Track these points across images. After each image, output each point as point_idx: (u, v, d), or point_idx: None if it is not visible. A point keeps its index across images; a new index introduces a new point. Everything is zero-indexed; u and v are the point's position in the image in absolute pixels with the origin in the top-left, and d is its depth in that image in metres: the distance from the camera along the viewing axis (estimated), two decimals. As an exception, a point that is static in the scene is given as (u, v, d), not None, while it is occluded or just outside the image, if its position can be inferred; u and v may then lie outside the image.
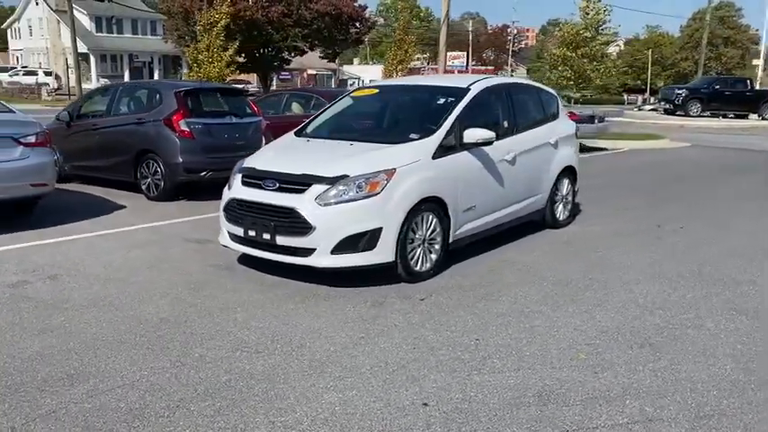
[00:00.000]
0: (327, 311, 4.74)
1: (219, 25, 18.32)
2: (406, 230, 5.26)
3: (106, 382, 3.57)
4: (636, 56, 78.83)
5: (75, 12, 31.89)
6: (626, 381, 3.70)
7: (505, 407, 3.38)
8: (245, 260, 5.83)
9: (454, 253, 6.00)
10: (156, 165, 8.79)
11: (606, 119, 18.43)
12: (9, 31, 59.20)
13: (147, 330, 4.32)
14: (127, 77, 50.24)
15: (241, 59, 44.78)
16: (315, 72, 63.86)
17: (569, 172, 7.67)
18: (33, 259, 5.93)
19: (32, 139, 7.01)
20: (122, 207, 8.48)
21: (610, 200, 9.55)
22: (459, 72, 66.43)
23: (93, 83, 45.47)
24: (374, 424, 3.20)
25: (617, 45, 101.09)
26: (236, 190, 5.54)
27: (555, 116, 7.58)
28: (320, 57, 48.56)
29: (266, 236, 5.22)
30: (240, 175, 5.63)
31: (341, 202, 5.06)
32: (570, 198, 7.79)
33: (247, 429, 3.13)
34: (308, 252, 5.09)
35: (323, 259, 5.07)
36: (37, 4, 54.21)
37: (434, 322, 4.57)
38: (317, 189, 5.10)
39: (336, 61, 70.07)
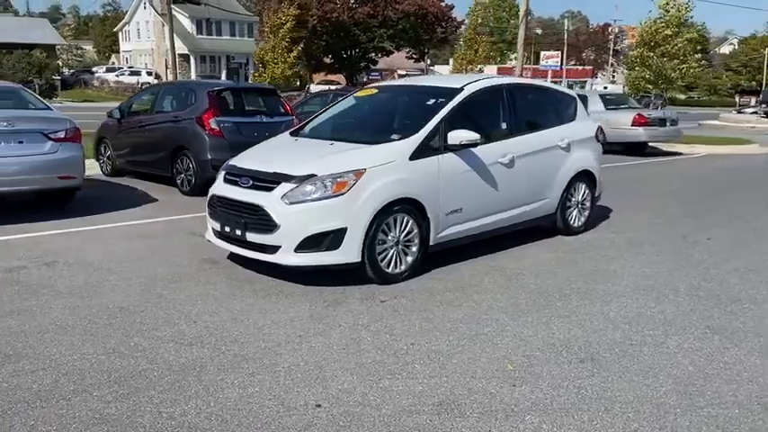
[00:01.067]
0: (282, 308, 4.80)
1: (285, 27, 18.83)
2: (374, 231, 5.23)
3: (33, 364, 3.79)
4: (751, 55, 74.04)
5: (178, 15, 33.52)
6: (540, 396, 3.53)
7: (397, 414, 3.32)
8: (234, 256, 5.98)
9: (441, 256, 5.92)
10: (188, 161, 9.18)
11: (679, 122, 17.42)
12: (120, 33, 63.25)
13: (102, 318, 4.54)
14: (224, 77, 52.43)
15: (328, 60, 45.85)
16: (405, 72, 64.15)
17: (586, 176, 7.34)
18: (44, 246, 6.35)
19: (61, 135, 7.49)
20: (154, 201, 8.91)
21: (648, 207, 9.07)
22: (551, 73, 64.83)
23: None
24: (255, 421, 3.22)
25: (730, 44, 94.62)
26: (217, 186, 5.70)
27: (571, 118, 7.29)
28: (406, 57, 48.86)
29: (238, 232, 5.35)
30: (223, 173, 5.79)
31: (306, 201, 5.11)
32: (588, 204, 7.46)
33: (133, 416, 3.23)
34: (274, 249, 5.17)
35: (287, 257, 5.13)
36: (145, 7, 57.62)
37: (380, 324, 4.53)
38: (284, 188, 5.17)
39: (427, 61, 70.14)
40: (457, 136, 5.69)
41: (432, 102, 6.08)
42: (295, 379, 3.68)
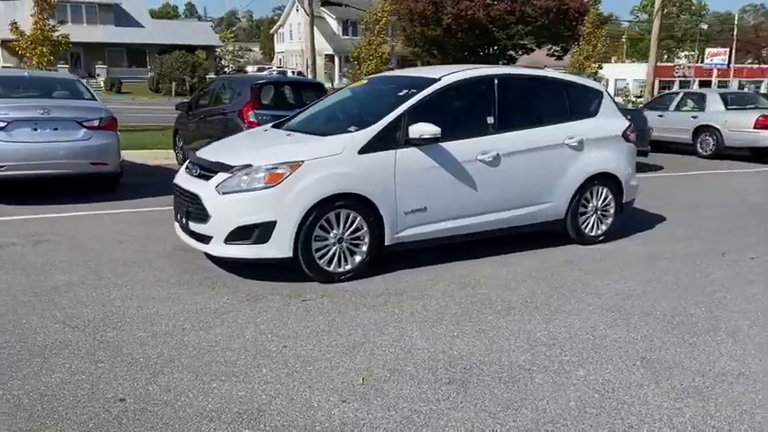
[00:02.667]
0: (197, 299, 4.72)
1: (382, 23, 18.78)
2: (309, 227, 4.99)
3: None
4: None
5: (326, 16, 34.75)
6: (362, 415, 3.15)
7: (192, 417, 3.11)
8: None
9: (411, 257, 5.60)
10: (230, 152, 9.40)
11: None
12: (276, 35, 66.93)
13: (33, 296, 4.69)
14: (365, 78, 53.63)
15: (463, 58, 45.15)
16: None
17: (608, 179, 6.55)
18: (47, 227, 6.74)
19: (95, 123, 7.97)
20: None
21: (714, 218, 7.95)
22: (717, 72, 59.29)
23: (336, 82, 49.45)
24: (58, 408, 3.16)
25: None
26: (178, 174, 5.75)
27: (589, 113, 6.54)
28: (547, 54, 46.92)
29: (183, 220, 5.35)
30: (187, 161, 5.83)
31: (238, 191, 4.99)
32: (611, 211, 6.65)
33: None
34: (208, 239, 5.11)
35: (218, 247, 5.05)
36: (297, 10, 60.48)
37: (275, 324, 4.31)
38: (220, 177, 5.09)
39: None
40: (417, 129, 5.29)
41: (403, 93, 5.70)
42: (125, 371, 3.57)
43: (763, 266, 5.90)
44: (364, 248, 5.28)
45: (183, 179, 5.50)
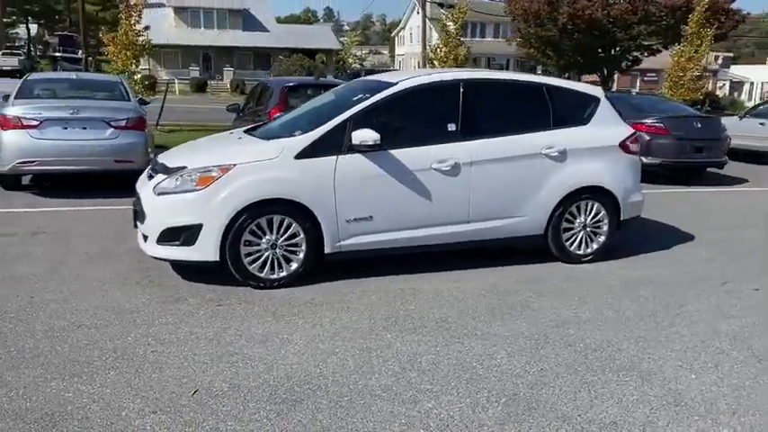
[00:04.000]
0: (121, 297, 4.84)
1: (458, 24, 18.34)
2: (237, 231, 4.97)
3: None
4: None
5: (443, 18, 34.78)
6: (147, 428, 3.08)
7: (17, 416, 3.18)
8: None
9: (367, 266, 5.48)
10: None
11: None
12: (396, 38, 67.67)
13: (-23, 283, 5.05)
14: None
15: (581, 60, 43.35)
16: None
17: (600, 194, 6.00)
18: (55, 220, 7.19)
19: (122, 123, 8.42)
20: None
21: (752, 243, 7.07)
22: None
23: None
24: None
25: None
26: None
27: (580, 121, 6.02)
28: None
29: (134, 221, 5.51)
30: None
31: (170, 192, 5.06)
32: (605, 228, 6.08)
33: None
34: (146, 239, 5.23)
35: (152, 248, 5.14)
36: (418, 13, 60.81)
37: (166, 327, 4.32)
38: (158, 179, 5.19)
39: (718, 60, 62.19)
40: (358, 136, 5.11)
41: (357, 97, 5.53)
42: (-6, 362, 3.72)
43: (758, 300, 5.14)
44: (301, 256, 5.17)
45: (140, 180, 5.66)
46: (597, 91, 6.28)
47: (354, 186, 5.20)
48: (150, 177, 5.45)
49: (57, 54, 48.37)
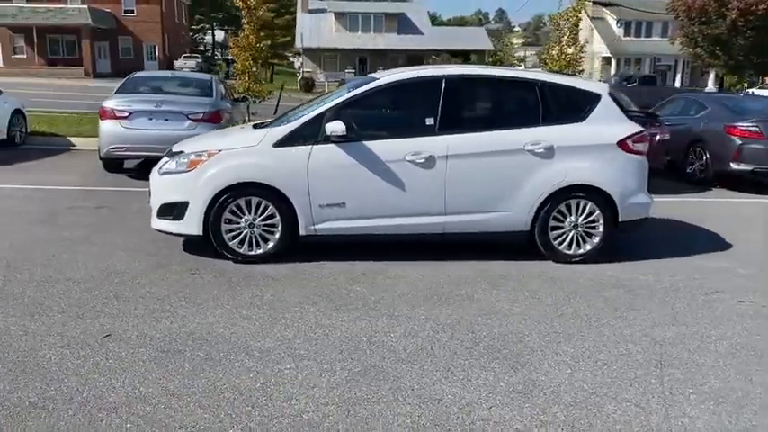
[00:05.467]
0: (117, 261, 5.62)
1: (572, 22, 17.60)
2: (219, 209, 5.57)
3: None
4: None
5: (607, 17, 33.88)
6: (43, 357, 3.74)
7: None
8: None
9: (355, 251, 5.84)
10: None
11: None
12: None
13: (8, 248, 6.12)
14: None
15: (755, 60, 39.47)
16: None
17: (594, 193, 5.87)
18: (123, 198, 8.30)
19: (199, 116, 9.44)
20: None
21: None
22: None
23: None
24: None
25: None
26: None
27: (574, 118, 5.92)
28: None
29: (149, 196, 6.28)
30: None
31: (169, 173, 5.79)
32: (600, 230, 5.94)
33: None
34: (151, 213, 6.01)
35: (154, 221, 5.89)
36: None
37: (127, 285, 5.00)
38: (163, 161, 5.95)
39: None
40: (329, 127, 5.51)
41: (344, 91, 5.92)
42: (-19, 300, 4.61)
43: (730, 312, 4.81)
44: (277, 236, 5.67)
45: (159, 163, 6.45)
46: (600, 87, 6.11)
47: (327, 174, 5.59)
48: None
49: (229, 57, 52.91)
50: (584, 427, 3.16)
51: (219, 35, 78.48)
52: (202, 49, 73.77)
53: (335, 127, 5.45)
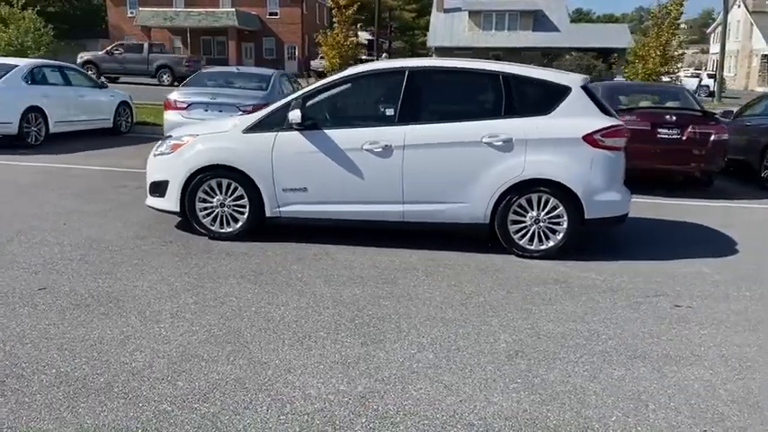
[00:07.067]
0: (106, 231, 6.36)
1: (671, 17, 16.33)
2: (193, 189, 6.12)
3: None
4: None
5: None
6: (-21, 301, 4.43)
7: (-72, 279, 4.86)
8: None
9: (313, 233, 6.18)
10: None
11: None
12: (712, 35, 61.05)
13: (36, 216, 7.08)
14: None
15: None
16: None
17: (557, 188, 5.76)
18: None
19: (249, 108, 10.10)
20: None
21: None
22: None
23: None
24: None
25: None
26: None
27: (539, 111, 5.82)
28: None
29: (149, 177, 6.96)
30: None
31: (157, 155, 6.43)
32: (564, 225, 5.82)
33: None
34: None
35: (147, 198, 6.57)
36: (738, 6, 54.34)
37: (97, 251, 5.66)
38: (158, 144, 6.61)
39: None
40: (290, 116, 5.86)
41: (312, 82, 6.25)
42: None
43: (656, 315, 4.59)
44: (245, 216, 6.12)
45: (162, 147, 7.13)
46: (570, 80, 5.92)
47: (290, 160, 5.94)
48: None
49: (362, 57, 54.68)
50: (377, 400, 3.27)
51: (364, 36, 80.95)
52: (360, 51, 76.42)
53: (295, 115, 5.79)
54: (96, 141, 12.65)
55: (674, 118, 9.18)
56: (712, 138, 9.10)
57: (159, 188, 6.28)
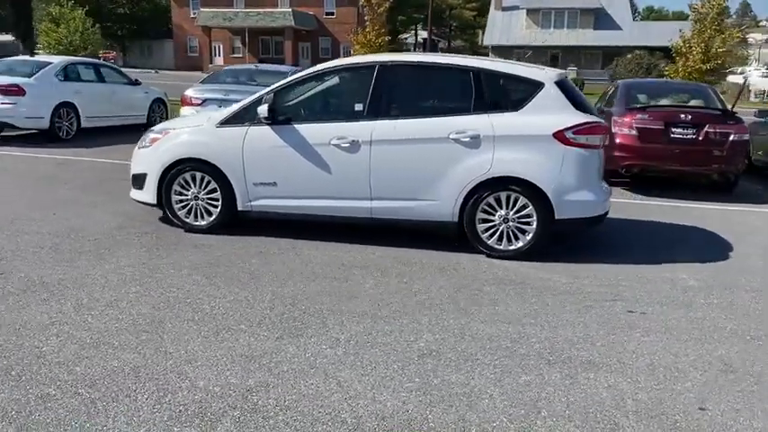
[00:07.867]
0: (89, 220, 6.55)
1: (714, 12, 15.44)
2: (169, 182, 6.23)
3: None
4: None
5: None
6: (-66, 284, 4.64)
7: None
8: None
9: (287, 227, 6.20)
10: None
11: None
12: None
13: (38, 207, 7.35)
14: None
15: None
16: None
17: (527, 187, 5.58)
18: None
19: (266, 104, 10.29)
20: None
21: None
22: None
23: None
24: None
25: None
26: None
27: (509, 107, 5.67)
28: None
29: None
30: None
31: (139, 148, 6.58)
32: (533, 225, 5.64)
33: None
34: (133, 184, 6.85)
35: (130, 191, 6.74)
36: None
37: (72, 239, 5.85)
38: (141, 138, 6.76)
39: None
40: (258, 109, 5.90)
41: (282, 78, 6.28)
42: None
43: (602, 320, 4.38)
44: (218, 209, 6.19)
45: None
46: (544, 76, 5.71)
47: (259, 154, 5.97)
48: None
49: (417, 55, 54.61)
50: (261, 394, 3.24)
51: (422, 35, 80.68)
52: (405, 49, 76.40)
53: (262, 109, 5.81)
54: (126, 137, 12.94)
55: (690, 117, 8.73)
56: (731, 138, 8.63)
57: (138, 181, 6.42)
